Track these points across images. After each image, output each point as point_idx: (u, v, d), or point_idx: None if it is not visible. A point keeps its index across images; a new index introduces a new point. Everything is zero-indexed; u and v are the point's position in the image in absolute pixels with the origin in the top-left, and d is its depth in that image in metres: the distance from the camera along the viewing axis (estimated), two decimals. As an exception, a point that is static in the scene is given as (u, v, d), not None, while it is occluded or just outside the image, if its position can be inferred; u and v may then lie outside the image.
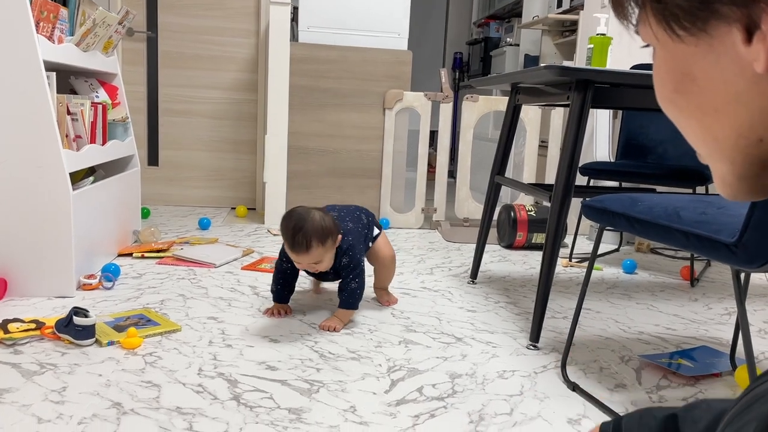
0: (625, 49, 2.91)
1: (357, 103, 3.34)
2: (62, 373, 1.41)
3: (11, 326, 1.60)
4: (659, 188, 2.62)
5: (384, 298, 2.05)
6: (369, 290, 2.09)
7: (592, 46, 1.94)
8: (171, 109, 3.72)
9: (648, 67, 2.61)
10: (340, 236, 1.73)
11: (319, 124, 3.32)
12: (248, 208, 3.69)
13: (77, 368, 1.44)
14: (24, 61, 1.82)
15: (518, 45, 4.78)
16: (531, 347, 1.72)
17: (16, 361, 1.47)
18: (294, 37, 3.39)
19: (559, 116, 3.49)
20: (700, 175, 2.37)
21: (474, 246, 2.75)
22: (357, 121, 3.35)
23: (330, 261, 1.73)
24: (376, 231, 1.97)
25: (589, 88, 1.65)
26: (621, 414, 1.33)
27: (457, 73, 6.29)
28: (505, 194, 3.69)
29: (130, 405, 1.28)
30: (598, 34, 1.94)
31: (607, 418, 1.33)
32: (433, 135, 4.62)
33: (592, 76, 1.63)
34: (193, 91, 3.72)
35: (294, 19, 3.42)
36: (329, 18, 3.33)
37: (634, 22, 0.43)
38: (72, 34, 2.23)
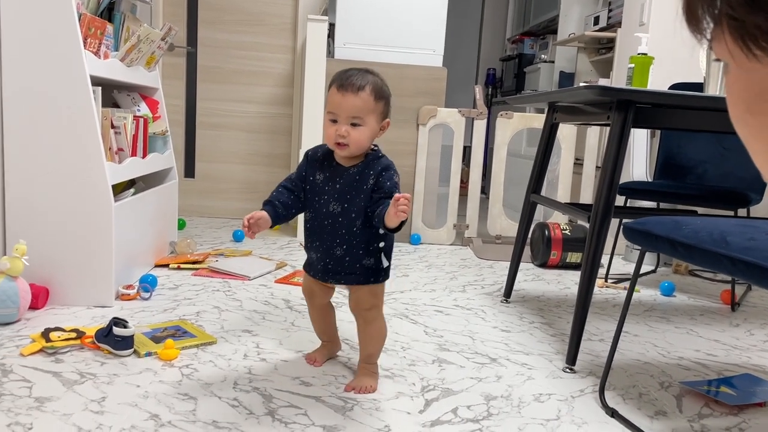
0: (664, 67, 2.87)
1: (391, 118, 3.34)
2: (101, 383, 1.43)
3: (53, 335, 1.63)
4: (699, 210, 2.57)
5: (356, 380, 1.50)
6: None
7: (632, 65, 1.92)
8: (208, 123, 3.78)
9: (687, 86, 2.57)
10: (389, 122, 1.46)
11: (353, 139, 3.34)
12: (281, 221, 3.72)
13: (116, 378, 1.46)
14: (72, 76, 1.88)
15: (553, 62, 4.76)
16: (567, 370, 1.69)
17: (57, 369, 1.49)
18: (330, 53, 3.43)
19: (594, 134, 3.45)
20: (742, 197, 2.31)
21: (506, 264, 2.73)
22: (390, 137, 3.36)
23: (366, 135, 1.38)
24: (385, 262, 1.48)
25: (631, 109, 1.63)
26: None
27: (490, 90, 6.28)
28: (538, 212, 3.65)
29: (168, 417, 1.29)
30: (639, 54, 1.92)
31: (647, 446, 1.30)
32: (466, 151, 4.61)
33: (634, 97, 1.61)
34: (229, 105, 3.78)
35: (330, 35, 3.46)
36: (365, 34, 3.36)
37: (708, 36, 0.42)
38: (117, 49, 2.29)
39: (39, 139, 1.89)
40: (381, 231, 1.40)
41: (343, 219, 1.41)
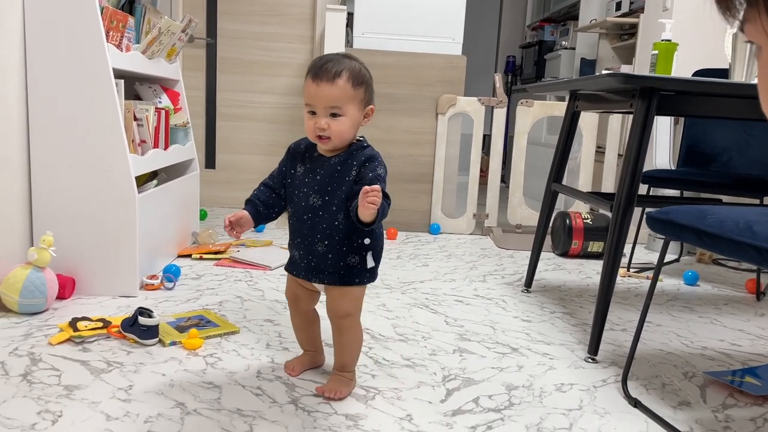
0: (688, 54, 2.82)
1: (410, 108, 3.34)
2: (128, 372, 1.46)
3: (80, 324, 1.66)
4: (724, 198, 2.53)
5: (327, 384, 1.41)
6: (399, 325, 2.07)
7: (656, 52, 1.89)
8: (228, 114, 3.81)
9: (712, 73, 2.53)
10: (372, 109, 1.35)
11: (373, 129, 3.34)
12: (301, 211, 3.74)
13: (142, 367, 1.49)
14: (95, 69, 1.90)
15: (574, 48, 4.70)
16: (589, 360, 1.68)
17: (84, 358, 1.52)
18: (349, 42, 3.42)
19: (617, 121, 3.41)
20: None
21: (526, 253, 2.72)
22: (409, 126, 3.35)
23: (348, 126, 1.29)
24: (370, 262, 1.38)
25: (654, 96, 1.61)
26: (686, 433, 1.29)
27: (510, 77, 6.22)
28: (559, 201, 3.62)
29: (193, 405, 1.32)
30: (663, 40, 1.89)
31: (670, 436, 1.30)
32: (485, 139, 4.58)
33: (658, 84, 1.59)
34: (249, 95, 3.80)
35: (349, 24, 3.45)
36: (384, 23, 3.35)
37: (740, 18, 0.42)
38: (138, 42, 2.31)
39: (64, 132, 1.92)
40: (356, 223, 1.28)
41: (323, 213, 1.32)
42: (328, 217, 1.31)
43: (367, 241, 1.35)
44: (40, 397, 1.31)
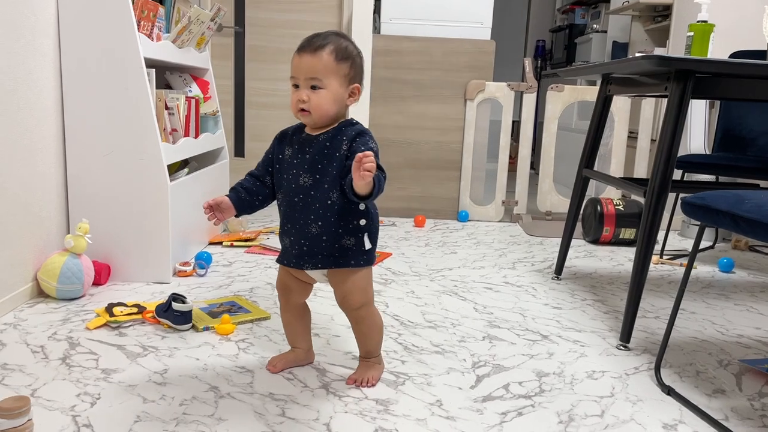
0: (724, 35, 2.75)
1: (438, 94, 3.32)
2: (163, 356, 1.49)
3: (116, 310, 1.70)
4: (761, 183, 2.47)
5: (356, 372, 1.42)
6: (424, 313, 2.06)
7: (692, 33, 1.84)
8: (256, 102, 3.83)
9: (749, 55, 2.46)
10: (358, 87, 1.31)
11: (400, 115, 3.33)
12: (329, 199, 3.75)
13: (176, 352, 1.52)
14: (127, 59, 1.92)
15: (605, 32, 4.61)
16: (621, 347, 1.66)
17: (121, 342, 1.56)
18: (376, 29, 3.41)
19: (650, 106, 3.34)
20: (808, 170, 2.21)
21: (556, 240, 2.69)
22: (437, 113, 3.33)
23: (329, 100, 1.27)
24: (367, 243, 1.33)
25: (690, 79, 1.57)
26: (720, 420, 1.28)
27: (539, 62, 6.13)
28: (589, 187, 3.57)
29: (227, 389, 1.34)
30: (698, 21, 1.84)
31: (705, 424, 1.28)
32: (514, 126, 4.54)
33: (694, 66, 1.55)
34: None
35: (376, 10, 3.43)
36: (412, 9, 3.32)
37: None
38: (168, 31, 2.33)
39: (97, 121, 1.96)
40: (356, 202, 1.27)
41: (315, 192, 1.28)
42: (320, 196, 1.28)
43: (362, 222, 1.31)
44: (79, 380, 1.35)
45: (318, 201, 1.28)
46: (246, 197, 1.36)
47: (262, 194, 1.37)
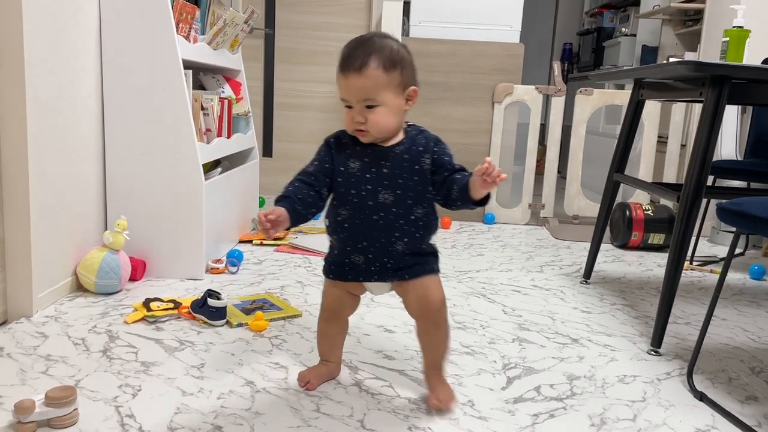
0: (758, 41, 2.72)
1: (466, 96, 3.33)
2: (199, 351, 1.53)
3: (153, 305, 1.74)
4: (795, 190, 2.44)
5: (437, 391, 1.31)
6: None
7: (727, 39, 1.83)
8: (285, 103, 3.88)
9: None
10: (415, 90, 1.23)
11: (427, 117, 3.34)
12: (355, 200, 3.78)
13: (212, 347, 1.55)
14: (166, 61, 1.97)
15: (635, 35, 4.57)
16: (652, 353, 1.66)
17: (158, 337, 1.60)
18: (405, 31, 3.43)
19: (680, 110, 3.31)
20: (844, 177, 2.18)
21: (584, 244, 2.68)
22: (464, 115, 3.34)
23: (388, 115, 1.19)
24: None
25: (726, 84, 1.57)
26: (753, 427, 1.27)
27: (566, 65, 6.10)
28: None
29: (262, 384, 1.37)
30: (734, 27, 1.83)
31: (738, 430, 1.28)
32: (542, 129, 4.52)
33: (730, 72, 1.55)
34: (305, 85, 3.85)
35: (405, 13, 3.45)
36: (441, 12, 3.34)
37: None
38: (203, 33, 2.38)
39: (136, 121, 2.00)
40: (468, 204, 1.22)
41: (398, 208, 1.21)
42: (404, 213, 1.22)
43: (436, 229, 1.30)
44: (120, 372, 1.39)
45: (402, 218, 1.22)
46: (302, 210, 1.21)
47: (316, 207, 1.24)
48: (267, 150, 3.92)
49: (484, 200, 1.20)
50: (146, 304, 1.74)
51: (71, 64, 1.83)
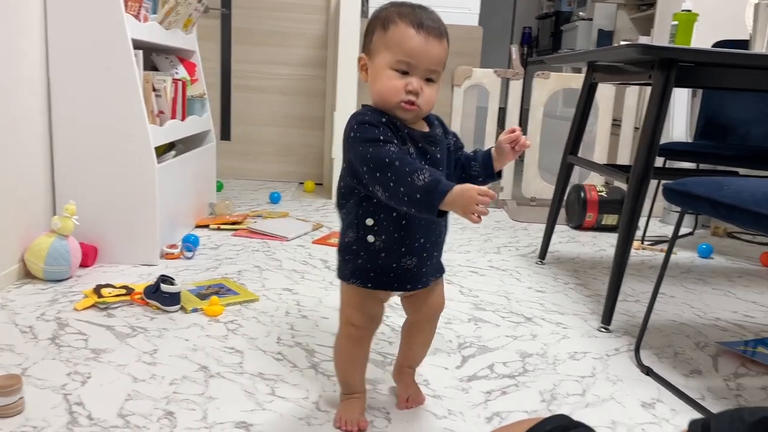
0: (707, 25, 2.78)
1: (425, 79, 3.32)
2: (152, 337, 1.50)
3: (104, 291, 1.71)
4: (741, 171, 2.52)
5: (408, 391, 1.25)
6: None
7: (676, 22, 1.87)
8: (243, 85, 3.81)
9: (732, 44, 2.49)
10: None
11: (387, 100, 3.33)
12: (315, 183, 3.77)
13: (165, 332, 1.53)
14: (114, 40, 1.91)
15: (591, 19, 4.63)
16: (602, 330, 1.70)
17: (110, 323, 1.57)
18: (364, 12, 3.40)
19: (633, 94, 3.38)
20: (786, 158, 2.26)
21: (540, 226, 2.72)
22: (425, 98, 3.34)
23: (436, 94, 1.05)
24: None
25: (673, 67, 1.60)
26: (696, 399, 1.32)
27: (526, 49, 6.15)
28: (573, 174, 3.61)
29: (216, 369, 1.36)
30: (683, 11, 1.87)
31: (682, 403, 1.32)
32: (500, 112, 4.56)
33: (678, 55, 1.58)
34: (263, 67, 3.80)
35: (364, -6, 3.42)
36: (399, -6, 3.31)
37: None
38: (155, 12, 2.31)
39: (84, 103, 1.94)
40: (491, 178, 1.12)
41: None
42: None
43: None
44: (69, 360, 1.36)
45: None
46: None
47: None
48: (225, 133, 3.86)
49: (500, 173, 1.13)
50: (97, 290, 1.71)
51: (12, 45, 1.76)
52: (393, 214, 1.05)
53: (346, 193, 1.08)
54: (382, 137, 0.99)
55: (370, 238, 1.07)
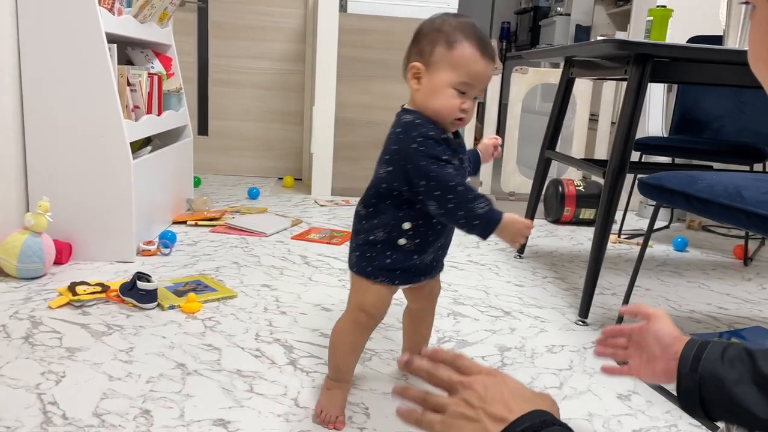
0: (682, 21, 2.82)
1: (401, 74, 3.32)
2: (128, 335, 1.49)
3: (78, 288, 1.68)
4: (715, 165, 2.56)
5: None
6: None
7: (651, 18, 1.89)
8: (220, 80, 3.78)
9: (706, 40, 2.53)
10: None
11: (366, 95, 3.33)
12: (295, 179, 3.75)
13: (142, 330, 1.52)
14: (87, 34, 1.88)
15: (569, 15, 4.67)
16: (580, 323, 1.72)
17: (85, 321, 1.55)
18: (342, 7, 3.38)
19: (610, 89, 3.41)
20: (758, 152, 2.30)
21: (520, 220, 2.74)
22: (404, 93, 3.32)
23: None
24: None
25: (648, 63, 1.62)
26: (671, 392, 1.34)
27: (504, 44, 6.18)
28: (552, 168, 3.64)
29: (194, 366, 1.35)
30: (658, 6, 1.89)
31: (657, 395, 1.34)
32: (479, 107, 4.58)
33: (652, 50, 1.60)
34: (241, 61, 3.76)
35: (343, -11, 3.40)
36: (378, -12, 3.30)
37: None
38: (129, 5, 2.27)
39: (58, 97, 1.91)
40: (476, 175, 1.24)
41: None
42: None
43: None
44: (43, 359, 1.34)
45: None
46: None
47: None
48: (202, 128, 3.82)
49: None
50: (72, 288, 1.68)
51: (-17, 37, 1.72)
52: (432, 221, 1.11)
53: (385, 194, 1.11)
54: (445, 156, 1.05)
55: (402, 241, 1.12)
